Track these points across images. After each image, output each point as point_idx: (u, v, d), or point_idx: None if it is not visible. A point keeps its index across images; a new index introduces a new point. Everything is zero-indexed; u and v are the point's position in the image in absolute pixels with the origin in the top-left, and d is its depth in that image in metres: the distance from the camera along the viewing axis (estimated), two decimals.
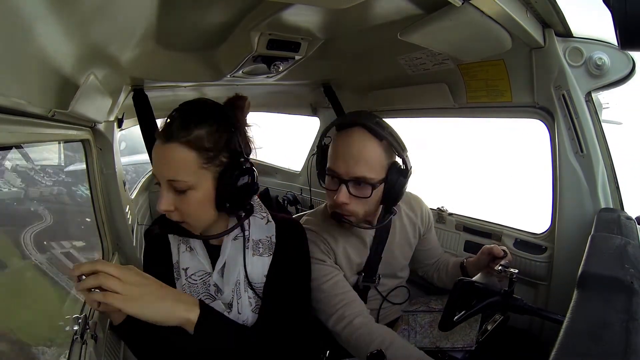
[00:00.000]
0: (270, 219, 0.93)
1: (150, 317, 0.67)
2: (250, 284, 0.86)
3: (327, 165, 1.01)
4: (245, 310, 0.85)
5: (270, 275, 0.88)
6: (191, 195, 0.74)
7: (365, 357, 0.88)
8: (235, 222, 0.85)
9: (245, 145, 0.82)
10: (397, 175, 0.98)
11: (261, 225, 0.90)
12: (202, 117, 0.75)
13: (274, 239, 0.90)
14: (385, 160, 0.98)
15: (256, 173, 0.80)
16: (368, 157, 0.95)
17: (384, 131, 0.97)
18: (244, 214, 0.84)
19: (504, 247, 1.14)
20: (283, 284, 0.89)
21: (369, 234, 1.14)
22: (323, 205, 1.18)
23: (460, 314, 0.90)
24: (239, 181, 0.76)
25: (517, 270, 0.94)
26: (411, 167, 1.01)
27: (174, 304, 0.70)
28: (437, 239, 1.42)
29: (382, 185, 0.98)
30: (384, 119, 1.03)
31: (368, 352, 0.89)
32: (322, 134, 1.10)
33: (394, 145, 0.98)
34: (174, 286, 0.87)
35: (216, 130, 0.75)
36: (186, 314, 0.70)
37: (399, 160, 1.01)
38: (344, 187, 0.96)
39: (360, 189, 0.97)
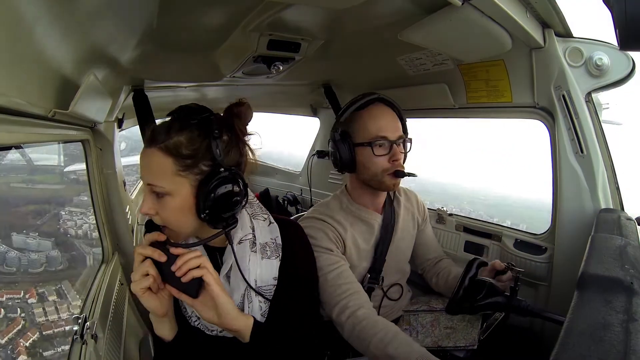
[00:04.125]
0: (272, 220, 0.92)
1: (226, 309, 0.74)
2: (257, 290, 0.84)
3: (372, 136, 1.09)
4: (255, 314, 0.84)
5: (281, 279, 0.88)
6: (168, 201, 0.73)
7: (367, 348, 0.89)
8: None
9: (239, 154, 0.79)
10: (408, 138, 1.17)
11: (265, 228, 0.89)
12: (184, 124, 0.74)
13: (279, 241, 0.90)
14: None
15: (242, 185, 0.76)
16: (398, 121, 1.13)
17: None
18: (225, 225, 0.78)
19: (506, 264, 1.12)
20: (294, 287, 0.88)
21: (377, 220, 1.19)
22: (330, 197, 1.25)
23: (467, 304, 0.93)
24: (216, 192, 0.72)
25: (522, 270, 0.96)
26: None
27: (237, 310, 0.78)
28: (437, 239, 1.42)
29: None
30: None
31: (370, 344, 0.90)
32: (337, 120, 1.17)
33: (402, 113, 1.16)
34: None
35: (197, 137, 0.73)
36: (247, 320, 0.78)
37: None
38: (396, 147, 1.09)
39: (401, 147, 1.12)
